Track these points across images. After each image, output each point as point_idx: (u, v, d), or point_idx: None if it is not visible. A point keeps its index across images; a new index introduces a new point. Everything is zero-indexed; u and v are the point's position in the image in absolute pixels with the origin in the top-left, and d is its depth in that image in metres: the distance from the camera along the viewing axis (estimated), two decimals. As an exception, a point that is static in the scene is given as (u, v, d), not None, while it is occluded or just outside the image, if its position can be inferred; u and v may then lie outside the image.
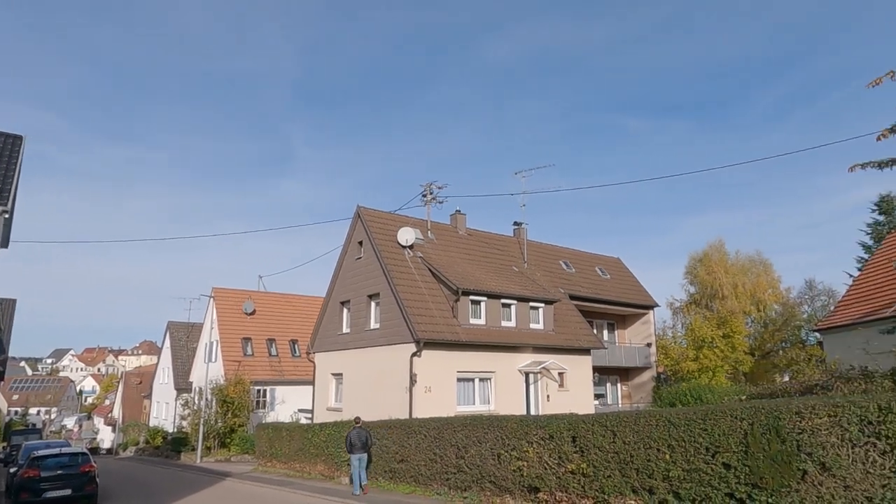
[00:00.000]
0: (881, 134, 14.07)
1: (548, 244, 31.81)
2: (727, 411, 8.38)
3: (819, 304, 42.88)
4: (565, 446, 10.54)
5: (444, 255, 24.49)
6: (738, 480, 8.07)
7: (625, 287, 32.66)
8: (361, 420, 15.75)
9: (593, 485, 9.96)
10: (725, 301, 40.09)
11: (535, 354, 22.80)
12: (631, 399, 31.12)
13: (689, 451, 8.68)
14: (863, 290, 26.36)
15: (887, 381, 8.32)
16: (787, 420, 7.73)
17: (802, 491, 7.51)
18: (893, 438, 7.05)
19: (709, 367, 32.51)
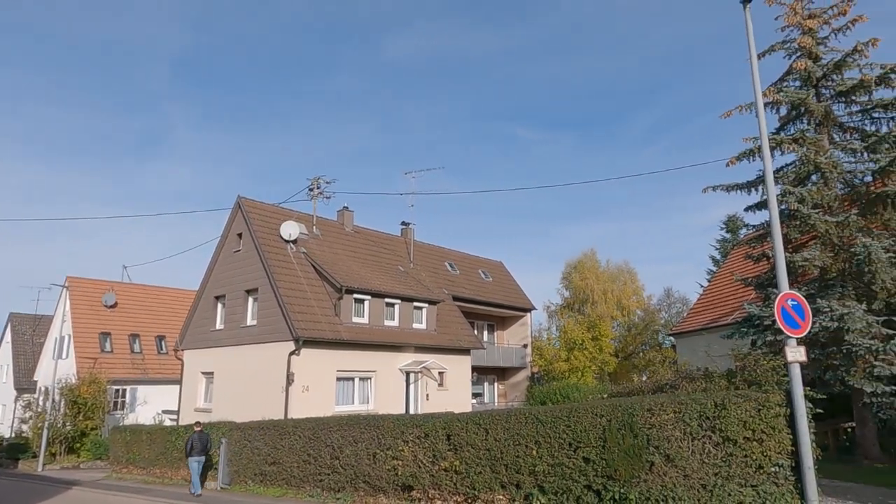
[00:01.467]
0: (729, 161, 15.83)
1: (434, 245, 32.26)
2: (589, 409, 8.98)
3: (675, 310, 47.32)
4: (440, 444, 10.72)
5: (329, 252, 24.01)
6: (596, 473, 8.67)
7: (505, 290, 33.93)
8: (202, 424, 16.09)
9: (465, 481, 10.22)
10: (595, 306, 42.97)
11: (417, 354, 23.01)
12: (507, 398, 32.38)
13: (555, 446, 9.18)
14: (710, 300, 29.43)
15: (724, 381, 9.37)
16: (640, 416, 8.44)
17: (650, 481, 8.22)
18: (726, 431, 7.94)
19: (578, 367, 34.67)
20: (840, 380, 13.25)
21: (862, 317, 12.80)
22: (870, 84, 14.54)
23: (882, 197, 14.00)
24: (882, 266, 13.05)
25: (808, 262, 14.00)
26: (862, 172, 14.88)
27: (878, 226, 14.26)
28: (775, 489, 7.67)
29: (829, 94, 15.38)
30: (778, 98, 15.50)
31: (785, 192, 14.62)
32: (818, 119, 15.26)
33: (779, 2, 16.08)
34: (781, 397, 7.91)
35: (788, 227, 14.73)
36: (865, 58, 14.79)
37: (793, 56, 15.83)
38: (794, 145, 15.02)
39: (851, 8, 15.30)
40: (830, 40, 15.66)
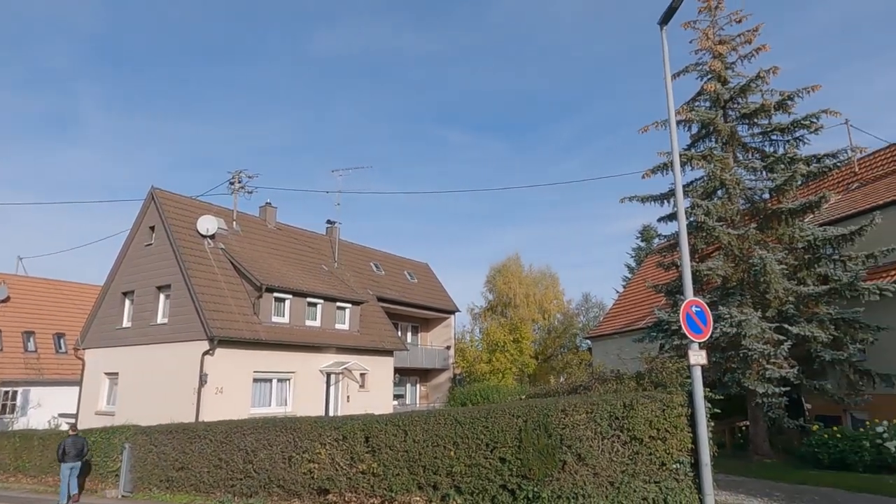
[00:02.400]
0: (645, 173, 16.66)
1: (360, 245, 31.91)
2: (506, 410, 9.16)
3: (592, 315, 49.26)
4: (358, 447, 10.59)
5: (250, 249, 23.19)
6: (511, 473, 8.84)
7: (430, 292, 34.06)
8: (78, 428, 15.60)
9: (382, 483, 10.14)
10: (518, 309, 43.93)
11: (339, 355, 22.65)
12: (428, 399, 32.49)
13: (472, 447, 9.29)
14: (624, 305, 30.85)
15: (633, 383, 9.82)
16: (555, 417, 8.69)
17: (562, 479, 8.49)
18: (633, 431, 8.32)
19: (500, 369, 35.34)
20: (736, 382, 14.23)
21: (757, 323, 13.83)
22: (770, 108, 15.76)
23: (777, 213, 15.18)
24: (775, 277, 14.16)
25: (711, 272, 14.96)
26: (761, 190, 16.08)
27: (773, 240, 15.45)
28: (676, 485, 8.12)
29: (735, 116, 16.52)
30: (690, 116, 16.47)
31: (694, 205, 15.58)
32: (725, 138, 16.35)
33: (693, 26, 17.15)
34: (684, 398, 8.39)
35: (696, 238, 15.69)
36: (767, 84, 16.02)
37: (704, 78, 16.90)
38: (703, 162, 16.02)
39: (756, 37, 16.54)
40: (738, 66, 16.85)
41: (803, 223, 15.43)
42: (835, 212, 18.39)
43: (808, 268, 15.05)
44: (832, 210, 18.76)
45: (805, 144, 15.85)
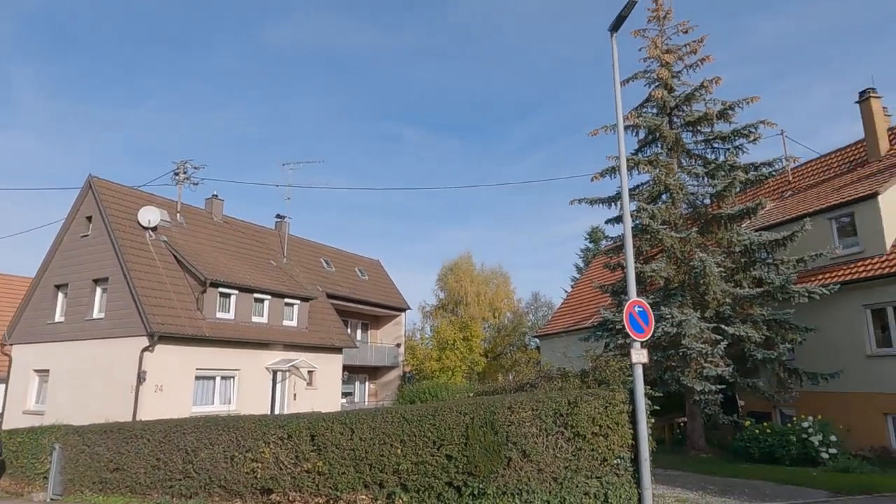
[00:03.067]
0: (594, 176, 17.05)
1: (310, 241, 31.41)
2: (454, 407, 9.19)
3: (541, 314, 50.10)
4: (303, 445, 10.41)
5: (194, 242, 22.46)
6: (457, 470, 8.89)
7: (381, 289, 33.87)
8: None
9: (328, 482, 10.01)
10: (468, 307, 44.25)
11: (286, 352, 22.23)
12: (377, 397, 32.32)
13: (419, 444, 9.28)
14: (572, 305, 31.50)
15: (578, 380, 10.03)
16: (501, 414, 8.78)
17: (507, 476, 8.59)
18: (577, 427, 8.50)
19: (449, 367, 35.50)
20: (676, 379, 14.77)
21: (696, 323, 14.39)
22: (712, 117, 16.41)
23: (717, 218, 15.84)
24: (714, 279, 14.77)
25: (655, 273, 15.47)
26: (703, 195, 16.76)
27: (712, 243, 16.12)
28: (616, 479, 8.35)
29: (680, 123, 17.13)
30: (638, 122, 16.98)
31: (639, 208, 16.07)
32: (670, 144, 16.93)
33: (643, 35, 17.67)
34: (626, 395, 8.63)
35: (641, 240, 16.19)
36: (710, 93, 16.69)
37: (652, 85, 17.45)
38: (649, 166, 16.54)
39: (701, 48, 17.19)
40: (683, 75, 17.47)
41: (741, 228, 16.15)
42: (769, 218, 19.33)
43: (744, 271, 15.76)
44: (767, 216, 19.70)
45: (744, 153, 16.59)
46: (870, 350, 15.71)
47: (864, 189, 16.83)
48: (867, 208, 16.34)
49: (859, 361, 15.68)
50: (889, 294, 15.31)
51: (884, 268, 15.46)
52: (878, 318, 15.76)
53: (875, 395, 15.29)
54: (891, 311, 15.41)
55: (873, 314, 15.84)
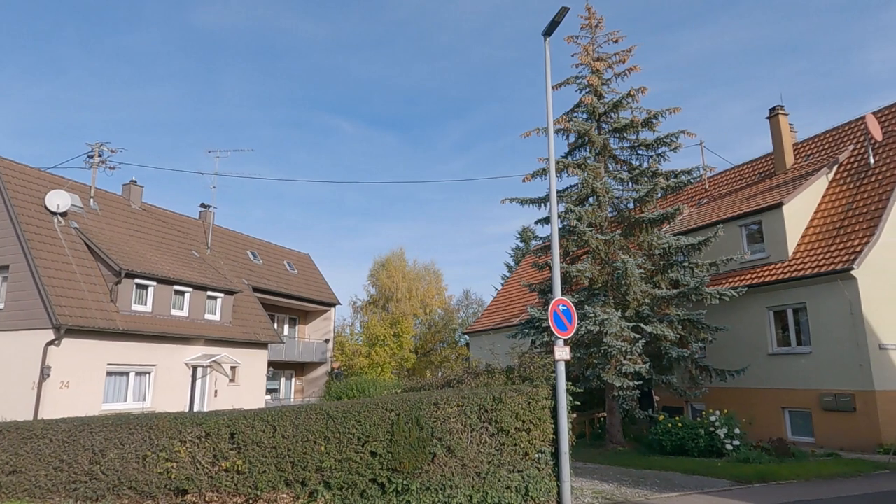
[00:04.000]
0: (525, 177, 17.39)
1: (237, 232, 30.36)
2: (380, 404, 9.14)
3: (471, 311, 50.69)
4: (222, 444, 10.03)
5: (109, 230, 21.18)
6: (382, 466, 8.84)
7: (311, 283, 33.21)
8: None
9: (247, 481, 9.70)
10: (400, 304, 44.17)
11: (208, 347, 21.39)
12: (304, 393, 31.69)
13: (343, 441, 9.16)
14: (502, 303, 32.06)
15: (503, 377, 10.22)
16: (427, 410, 8.82)
17: (431, 472, 8.63)
18: (501, 423, 8.67)
19: (379, 363, 35.34)
20: (597, 376, 15.32)
21: (617, 322, 14.97)
22: (637, 125, 17.12)
23: (640, 222, 16.55)
24: (635, 280, 15.42)
25: (580, 273, 15.98)
26: (627, 199, 17.44)
27: (634, 246, 16.82)
28: (537, 473, 8.57)
29: (608, 129, 17.75)
30: (568, 126, 17.45)
31: (567, 210, 16.54)
32: (598, 149, 17.51)
33: (575, 41, 18.17)
34: (548, 391, 8.87)
35: (568, 241, 16.67)
36: (637, 102, 17.37)
37: (583, 91, 17.97)
38: (578, 170, 17.05)
39: (630, 58, 17.88)
40: (612, 83, 18.10)
41: (661, 232, 16.95)
42: (687, 223, 20.41)
43: (662, 273, 16.55)
44: (685, 222, 20.80)
45: (665, 160, 17.42)
46: (771, 349, 16.92)
47: (771, 199, 18.08)
48: (773, 217, 17.57)
49: (762, 359, 16.85)
50: (789, 297, 16.54)
51: (786, 272, 16.68)
52: (780, 319, 17.01)
53: (774, 391, 16.49)
54: (790, 313, 16.67)
55: (775, 315, 17.07)
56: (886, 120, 18.59)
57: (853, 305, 14.92)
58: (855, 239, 15.76)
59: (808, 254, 16.74)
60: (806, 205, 17.87)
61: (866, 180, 17.33)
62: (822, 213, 17.72)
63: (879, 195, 16.39)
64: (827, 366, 15.39)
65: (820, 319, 15.75)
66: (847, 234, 16.15)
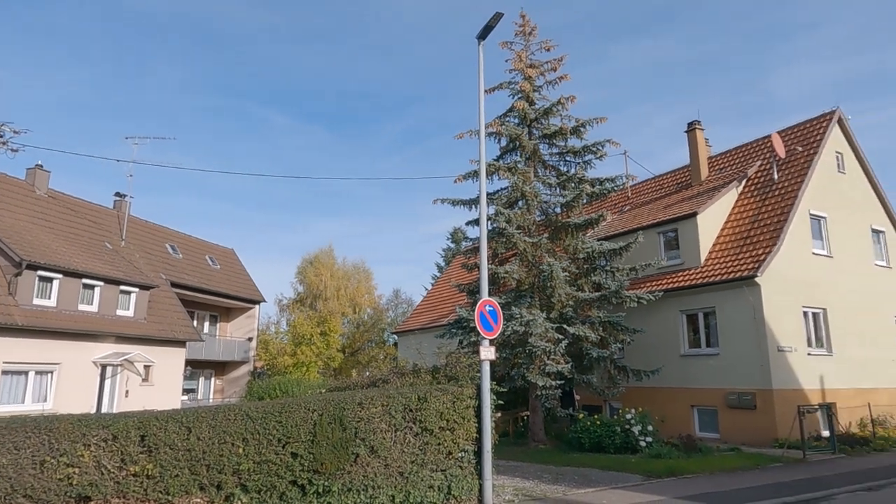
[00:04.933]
0: (457, 178, 17.53)
1: (155, 224, 28.85)
2: (302, 404, 8.92)
3: (401, 310, 50.56)
4: (131, 447, 9.48)
5: (9, 217, 19.58)
6: (303, 468, 8.64)
7: (234, 279, 32.04)
8: None
9: (158, 486, 9.22)
10: (328, 302, 43.42)
11: (119, 345, 20.18)
12: (224, 393, 30.53)
13: (263, 443, 8.88)
14: (431, 303, 32.17)
15: (429, 376, 10.26)
16: (351, 410, 8.70)
17: (353, 472, 8.52)
18: (425, 422, 8.68)
19: (304, 362, 34.57)
20: (522, 376, 15.67)
21: (542, 323, 15.37)
22: (566, 132, 17.64)
23: (566, 226, 17.06)
24: (560, 283, 15.89)
25: (508, 275, 16.29)
26: (554, 204, 17.94)
27: (560, 249, 17.32)
28: (460, 472, 8.65)
29: (539, 135, 18.19)
30: (500, 130, 17.74)
31: (497, 212, 16.81)
32: (528, 154, 17.91)
33: (510, 47, 18.51)
34: (473, 391, 8.97)
35: (497, 243, 16.95)
36: (566, 110, 17.90)
37: (515, 96, 18.33)
38: (508, 173, 17.37)
39: (561, 67, 18.40)
40: (544, 90, 18.56)
41: (585, 237, 17.55)
42: (610, 229, 21.25)
43: (586, 276, 17.15)
44: (608, 228, 21.64)
45: (591, 168, 18.03)
46: (683, 350, 17.91)
47: (687, 209, 19.14)
48: (688, 226, 18.60)
49: (675, 360, 17.80)
50: (700, 301, 17.57)
51: (698, 278, 17.69)
52: (692, 322, 18.03)
53: (685, 390, 17.45)
54: (701, 317, 17.70)
55: (688, 319, 18.08)
56: (789, 139, 20.11)
57: (756, 310, 16.03)
58: (759, 248, 16.94)
59: (718, 261, 17.83)
60: (717, 215, 19.04)
61: (770, 194, 18.67)
62: (731, 223, 18.93)
63: (782, 208, 17.70)
64: (732, 366, 16.45)
65: (727, 323, 16.82)
66: (753, 244, 17.33)
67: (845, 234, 19.05)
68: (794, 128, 20.62)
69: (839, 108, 19.90)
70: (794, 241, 17.30)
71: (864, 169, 20.64)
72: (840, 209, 19.15)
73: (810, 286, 17.40)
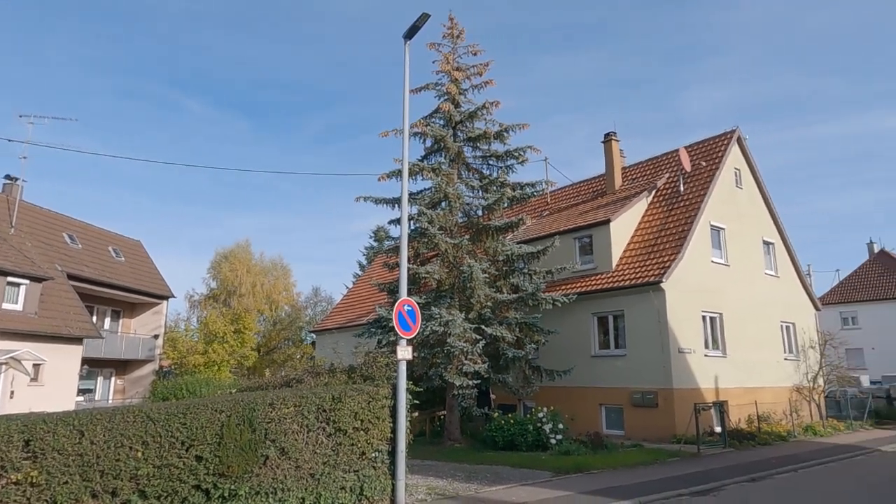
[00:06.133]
0: (380, 176, 17.41)
1: (51, 211, 26.71)
2: (209, 405, 8.53)
3: (320, 309, 49.58)
4: (13, 453, 8.67)
5: None
6: (208, 471, 8.26)
7: (140, 273, 30.20)
8: None
9: (44, 495, 8.50)
10: (243, 299, 41.85)
11: (5, 342, 18.51)
12: (125, 394, 28.69)
13: (165, 446, 8.42)
14: (352, 301, 31.77)
15: (344, 376, 10.12)
16: (262, 411, 8.41)
17: (262, 475, 8.25)
18: (339, 423, 8.55)
19: (216, 361, 33.11)
20: (439, 375, 15.77)
21: (461, 323, 15.55)
22: (490, 136, 17.96)
23: (487, 228, 17.35)
24: (479, 284, 16.14)
25: (429, 275, 16.36)
26: (476, 206, 18.22)
27: (481, 251, 17.60)
28: (373, 472, 8.59)
29: (463, 138, 18.40)
30: (426, 130, 17.80)
31: (420, 212, 16.85)
32: (452, 156, 18.08)
33: (437, 49, 18.60)
34: (389, 391, 8.93)
35: (419, 243, 16.98)
36: (491, 115, 18.22)
37: (441, 98, 18.45)
38: (432, 174, 17.45)
39: (487, 71, 18.71)
40: (469, 93, 18.79)
41: (505, 240, 17.94)
42: (529, 233, 21.85)
43: (504, 278, 17.52)
44: (527, 231, 22.24)
45: (513, 172, 18.46)
46: (594, 351, 18.70)
47: (601, 216, 20.01)
48: (601, 232, 19.45)
49: (586, 360, 18.55)
50: (611, 304, 18.41)
51: (609, 282, 18.54)
52: (602, 324, 18.86)
53: (594, 389, 18.23)
54: (611, 319, 18.56)
55: (599, 321, 18.90)
56: (694, 154, 21.48)
57: (660, 314, 17.01)
58: (665, 256, 17.98)
59: (628, 267, 18.76)
60: (629, 223, 20.04)
61: (677, 205, 19.87)
62: (641, 231, 19.98)
63: (686, 218, 18.88)
64: (638, 367, 17.36)
65: (634, 326, 17.73)
66: (659, 251, 18.37)
67: (740, 245, 20.60)
68: (699, 144, 22.06)
69: (738, 128, 21.51)
70: (696, 250, 18.50)
71: (759, 185, 22.41)
72: (737, 221, 20.68)
73: (709, 292, 18.67)
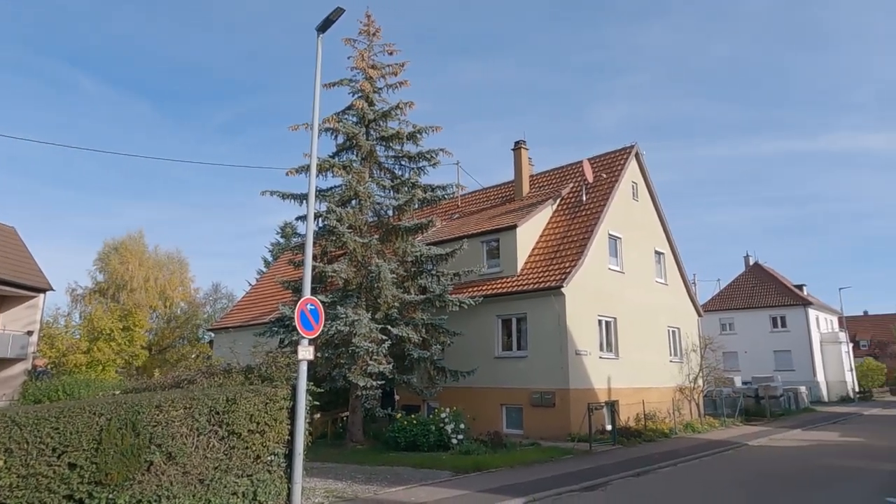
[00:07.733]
0: (288, 171, 16.93)
1: None
2: (87, 408, 7.87)
3: (220, 306, 47.33)
4: None
5: None
6: (82, 480, 7.62)
7: (13, 263, 27.36)
8: None
9: None
10: (134, 293, 39.08)
11: None
12: (-10, 396, 25.84)
13: (33, 454, 7.66)
14: (255, 298, 30.62)
15: (241, 376, 9.70)
16: (147, 414, 7.88)
17: (145, 482, 7.72)
18: (233, 425, 8.18)
19: (101, 360, 30.69)
20: (343, 376, 15.53)
21: (367, 323, 15.40)
22: (403, 137, 17.96)
23: (397, 229, 17.32)
24: (387, 284, 16.07)
25: (336, 274, 16.08)
26: (387, 206, 18.13)
27: (390, 251, 17.54)
28: (268, 476, 8.30)
29: (376, 136, 18.25)
30: (338, 127, 17.50)
31: (329, 210, 16.53)
32: (364, 154, 17.89)
33: (353, 45, 18.35)
34: (288, 392, 8.67)
35: (327, 241, 16.65)
36: (405, 115, 18.20)
37: (355, 95, 18.21)
38: (343, 171, 17.19)
39: (402, 72, 18.68)
40: (384, 92, 18.68)
41: (415, 241, 17.98)
42: (438, 235, 22.05)
43: (412, 279, 17.57)
44: (437, 234, 22.43)
45: (425, 174, 18.55)
46: (497, 352, 19.19)
47: (508, 221, 20.59)
48: (508, 237, 20.01)
49: (489, 362, 18.98)
50: (515, 307, 18.98)
51: (514, 286, 19.11)
52: (506, 326, 19.40)
53: (496, 390, 18.70)
54: (514, 322, 19.13)
55: (503, 323, 19.42)
56: (597, 166, 22.64)
57: (560, 317, 17.75)
58: (566, 262, 18.79)
59: (532, 271, 19.43)
60: (534, 229, 20.76)
61: (579, 214, 20.84)
62: (545, 237, 20.76)
63: (587, 227, 19.84)
64: (538, 368, 18.00)
65: (536, 328, 18.37)
66: (561, 257, 19.17)
67: (635, 254, 21.94)
68: (601, 157, 23.27)
69: (637, 144, 22.92)
70: (595, 257, 19.48)
71: (653, 198, 23.98)
72: (632, 231, 22.00)
73: (605, 297, 19.72)
